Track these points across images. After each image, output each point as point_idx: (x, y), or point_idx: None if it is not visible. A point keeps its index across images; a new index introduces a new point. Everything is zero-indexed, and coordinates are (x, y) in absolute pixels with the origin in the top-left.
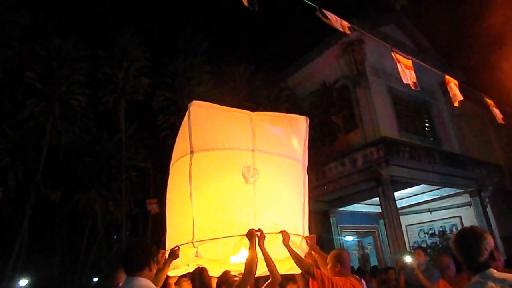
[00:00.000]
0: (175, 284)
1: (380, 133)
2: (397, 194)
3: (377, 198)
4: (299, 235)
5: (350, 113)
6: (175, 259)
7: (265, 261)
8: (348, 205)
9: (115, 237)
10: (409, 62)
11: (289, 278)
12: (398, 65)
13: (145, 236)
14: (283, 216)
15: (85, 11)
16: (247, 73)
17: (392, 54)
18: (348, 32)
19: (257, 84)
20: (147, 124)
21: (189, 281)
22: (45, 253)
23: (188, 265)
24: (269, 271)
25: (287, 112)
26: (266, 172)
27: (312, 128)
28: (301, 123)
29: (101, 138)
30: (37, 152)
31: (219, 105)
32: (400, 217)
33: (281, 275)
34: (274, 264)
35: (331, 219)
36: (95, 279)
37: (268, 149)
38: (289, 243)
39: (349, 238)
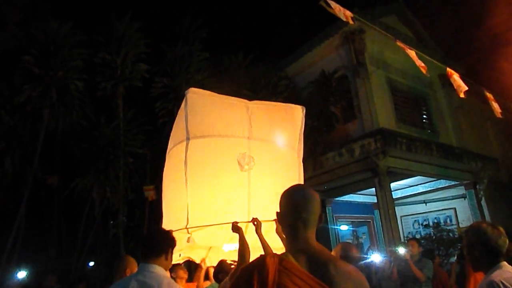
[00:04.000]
0: (170, 271)
1: (378, 124)
2: (393, 185)
3: (373, 189)
4: None
5: (349, 103)
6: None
7: (264, 249)
8: (344, 195)
9: (112, 222)
10: (412, 53)
11: None
12: (409, 52)
13: (141, 222)
14: (278, 204)
15: None
16: (246, 61)
17: (398, 43)
18: (351, 22)
19: (255, 73)
20: (145, 111)
21: (185, 269)
22: (42, 238)
23: (180, 255)
24: None
25: (285, 101)
26: (261, 160)
27: (310, 117)
28: (297, 112)
29: (99, 124)
30: (34, 137)
31: (216, 93)
32: (396, 207)
33: None
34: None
35: (327, 208)
36: (91, 263)
37: (264, 137)
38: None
39: (344, 228)
